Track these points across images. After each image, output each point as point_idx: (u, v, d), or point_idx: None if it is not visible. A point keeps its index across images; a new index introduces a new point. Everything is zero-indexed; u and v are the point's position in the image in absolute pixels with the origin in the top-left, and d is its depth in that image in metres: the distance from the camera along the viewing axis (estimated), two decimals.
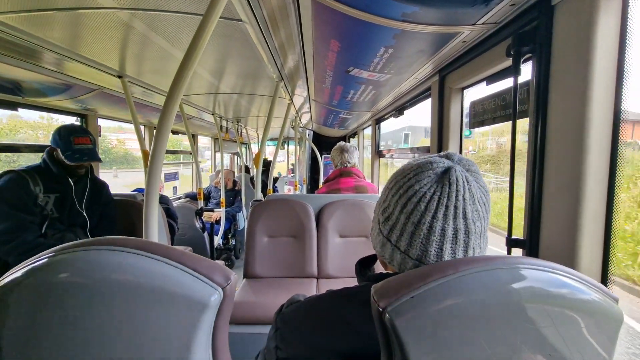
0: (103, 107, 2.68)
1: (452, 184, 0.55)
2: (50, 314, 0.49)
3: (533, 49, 0.93)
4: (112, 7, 1.21)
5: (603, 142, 0.78)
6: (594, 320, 0.47)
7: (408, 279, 0.45)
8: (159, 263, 0.50)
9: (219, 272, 0.51)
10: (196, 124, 4.40)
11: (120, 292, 0.49)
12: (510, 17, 1.02)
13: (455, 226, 0.54)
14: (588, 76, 0.77)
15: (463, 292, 0.44)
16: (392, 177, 0.63)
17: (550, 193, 0.89)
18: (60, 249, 0.51)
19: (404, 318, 0.42)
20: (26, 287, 0.50)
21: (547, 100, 0.89)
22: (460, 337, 0.43)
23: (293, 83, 2.55)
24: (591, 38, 0.76)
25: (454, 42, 1.22)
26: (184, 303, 0.49)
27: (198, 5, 1.20)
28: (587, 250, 0.80)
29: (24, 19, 1.27)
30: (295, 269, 2.26)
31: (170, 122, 0.97)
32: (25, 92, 2.03)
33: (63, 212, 1.76)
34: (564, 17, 0.84)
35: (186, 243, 3.72)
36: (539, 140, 0.91)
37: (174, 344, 0.49)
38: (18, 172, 1.65)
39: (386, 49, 1.29)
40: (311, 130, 6.11)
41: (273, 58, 1.78)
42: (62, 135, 1.72)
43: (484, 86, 1.36)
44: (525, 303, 0.44)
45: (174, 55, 1.73)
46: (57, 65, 1.77)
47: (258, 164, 2.37)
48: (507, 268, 0.46)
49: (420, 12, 0.97)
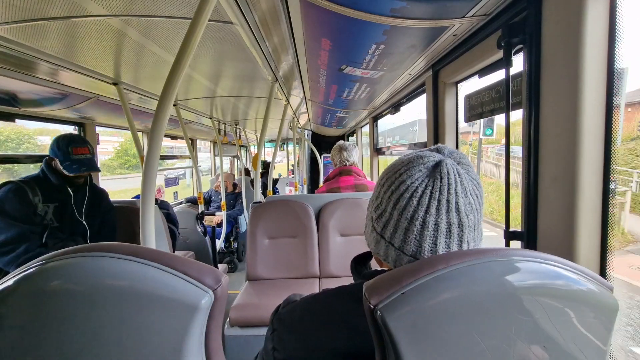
0: (100, 115, 2.69)
1: (444, 177, 0.54)
2: (42, 321, 0.49)
3: (523, 39, 0.93)
4: (104, 15, 1.21)
5: (596, 131, 0.78)
6: (588, 310, 0.47)
7: (398, 275, 0.45)
8: (148, 267, 0.49)
9: (209, 275, 0.51)
10: (195, 128, 4.41)
11: (111, 298, 0.49)
12: (500, 8, 1.02)
13: (449, 220, 0.54)
14: (579, 65, 0.77)
15: (455, 286, 0.43)
16: (384, 173, 0.63)
17: (546, 184, 0.88)
18: (51, 256, 0.51)
19: (395, 314, 0.42)
20: (18, 295, 0.50)
21: (540, 91, 0.89)
22: (454, 332, 0.43)
23: (288, 84, 2.55)
24: (580, 27, 0.76)
25: (445, 36, 1.22)
26: (174, 307, 0.49)
27: (190, 10, 1.20)
28: (585, 240, 0.80)
29: (17, 30, 1.28)
30: (297, 270, 2.26)
31: (163, 126, 0.97)
32: (21, 103, 2.03)
33: (63, 221, 1.76)
34: (553, 6, 0.84)
35: (188, 248, 3.73)
36: (532, 131, 0.91)
37: (166, 348, 0.49)
38: (17, 182, 1.66)
39: (377, 45, 1.28)
40: (310, 131, 6.11)
41: (267, 59, 1.78)
42: (60, 145, 1.72)
43: (478, 79, 1.36)
44: (518, 295, 0.44)
45: (168, 60, 1.73)
46: (52, 74, 1.78)
47: (256, 165, 2.37)
48: (500, 260, 0.46)
49: (409, 7, 0.97)
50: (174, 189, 4.94)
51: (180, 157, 5.23)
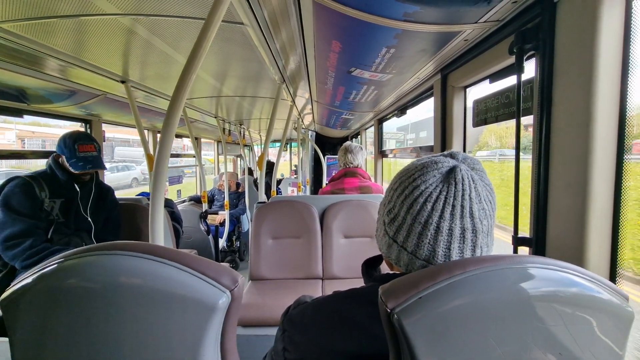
0: (107, 112, 2.70)
1: (458, 183, 0.54)
2: (60, 317, 0.49)
3: (536, 46, 0.92)
4: (114, 14, 1.22)
5: (609, 138, 0.78)
6: (604, 319, 0.47)
7: (416, 279, 0.45)
8: (168, 267, 0.50)
9: (227, 275, 0.51)
10: (199, 127, 4.42)
11: (129, 296, 0.49)
12: (513, 14, 1.02)
13: (463, 225, 0.54)
14: (593, 72, 0.77)
15: (472, 292, 0.44)
16: (396, 177, 0.63)
17: (557, 190, 0.88)
18: (70, 254, 0.51)
19: (412, 319, 0.42)
20: (37, 292, 0.50)
21: (552, 97, 0.89)
22: (470, 337, 0.43)
23: (295, 85, 2.56)
24: (595, 33, 0.76)
25: (456, 41, 1.22)
26: (192, 306, 0.49)
27: (198, 9, 1.21)
28: (595, 247, 0.79)
29: (28, 27, 1.29)
30: (300, 270, 2.26)
31: (174, 125, 0.97)
32: (30, 99, 2.04)
33: (69, 217, 1.77)
34: (567, 13, 0.84)
35: (191, 246, 3.74)
36: (543, 138, 0.91)
37: (183, 346, 0.49)
38: (24, 177, 1.67)
39: (388, 49, 1.29)
40: (313, 132, 6.11)
41: (275, 60, 1.78)
42: (66, 142, 1.74)
43: (486, 84, 1.35)
44: (534, 302, 0.44)
45: (176, 59, 1.74)
46: (61, 71, 1.79)
47: (262, 166, 2.37)
48: (516, 267, 0.46)
49: (422, 12, 0.97)
50: (177, 187, 4.95)
51: (183, 156, 5.25)
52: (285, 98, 2.72)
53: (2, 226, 1.57)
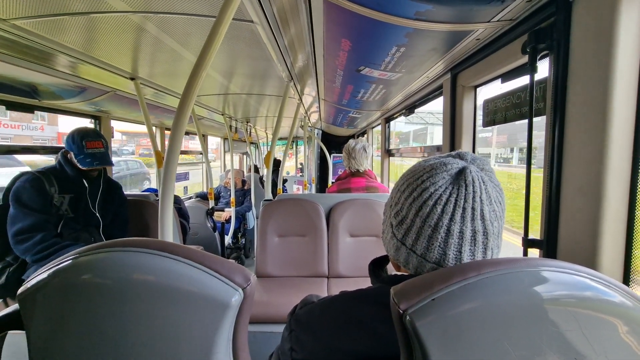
0: (116, 109, 2.72)
1: (469, 185, 0.53)
2: (75, 312, 0.50)
3: (550, 45, 0.91)
4: (124, 11, 1.23)
5: (625, 140, 0.76)
6: (622, 324, 0.46)
7: (429, 281, 0.45)
8: (181, 264, 0.50)
9: (239, 273, 0.51)
10: (206, 124, 4.44)
11: (142, 292, 0.49)
12: (526, 13, 1.00)
13: (474, 228, 0.53)
14: (609, 72, 0.75)
15: (486, 295, 0.43)
16: (403, 178, 0.61)
17: (569, 192, 0.87)
18: (84, 250, 0.52)
19: (425, 320, 0.42)
20: (52, 287, 0.51)
21: (566, 98, 0.87)
22: (484, 340, 0.42)
23: (302, 82, 2.55)
24: (612, 33, 0.74)
25: (468, 40, 1.21)
26: (205, 303, 0.49)
27: (208, 7, 1.21)
28: (608, 251, 0.78)
29: (39, 24, 1.30)
30: (306, 268, 2.27)
31: (184, 123, 0.98)
32: (41, 95, 2.07)
33: (78, 212, 1.79)
34: (583, 12, 0.82)
35: (198, 242, 3.77)
36: (556, 139, 0.89)
37: (195, 343, 0.49)
38: (34, 173, 1.70)
39: (398, 47, 1.28)
40: (320, 130, 6.10)
41: (283, 58, 1.78)
42: (75, 139, 1.76)
43: (495, 84, 1.34)
44: (549, 306, 0.44)
45: (185, 57, 1.75)
46: (71, 68, 1.81)
47: (268, 163, 2.37)
48: (530, 270, 0.45)
49: (434, 10, 0.96)
50: (183, 184, 4.98)
51: (190, 153, 5.27)
52: (293, 96, 2.71)
53: (13, 220, 1.60)
